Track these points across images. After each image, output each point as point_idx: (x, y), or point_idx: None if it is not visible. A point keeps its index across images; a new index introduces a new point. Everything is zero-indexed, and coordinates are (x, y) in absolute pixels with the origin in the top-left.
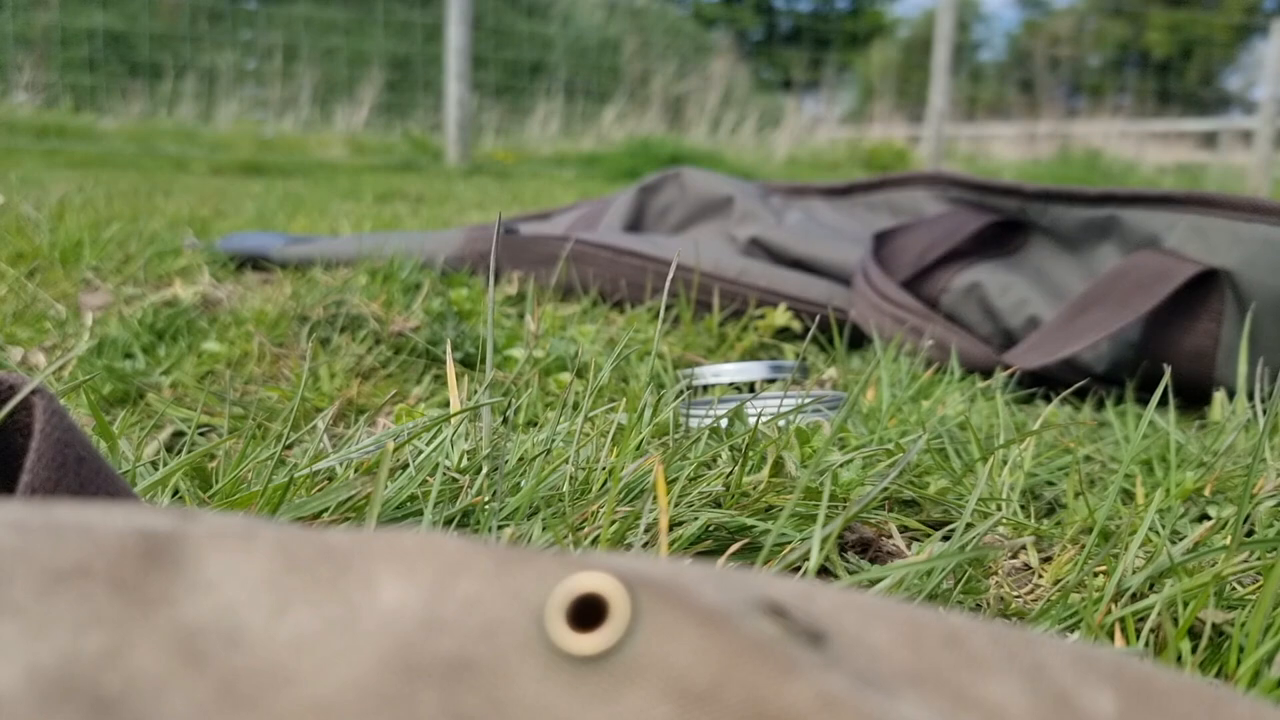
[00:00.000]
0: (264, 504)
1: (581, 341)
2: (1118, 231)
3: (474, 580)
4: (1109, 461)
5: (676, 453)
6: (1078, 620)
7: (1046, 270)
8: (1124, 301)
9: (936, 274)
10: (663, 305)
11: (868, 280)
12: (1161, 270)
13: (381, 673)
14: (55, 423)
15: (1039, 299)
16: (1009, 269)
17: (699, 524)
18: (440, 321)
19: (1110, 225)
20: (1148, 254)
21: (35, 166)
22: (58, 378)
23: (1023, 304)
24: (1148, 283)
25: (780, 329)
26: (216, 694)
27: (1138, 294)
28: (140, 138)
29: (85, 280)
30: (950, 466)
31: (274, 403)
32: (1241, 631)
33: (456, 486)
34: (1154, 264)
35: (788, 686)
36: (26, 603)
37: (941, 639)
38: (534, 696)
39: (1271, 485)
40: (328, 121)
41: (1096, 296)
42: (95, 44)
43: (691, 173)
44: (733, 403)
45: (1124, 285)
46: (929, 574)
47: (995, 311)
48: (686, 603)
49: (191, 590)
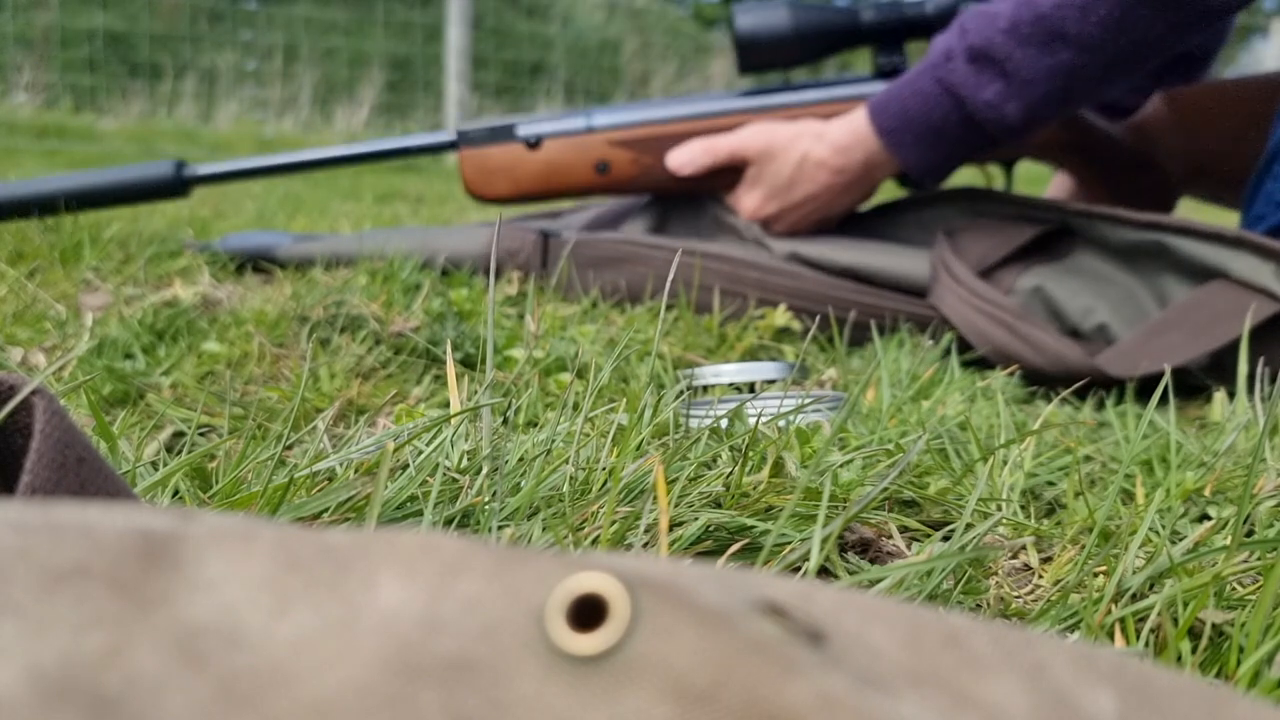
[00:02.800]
0: (264, 504)
1: (581, 342)
2: (1169, 256)
3: (474, 580)
4: (1109, 461)
5: (676, 453)
6: (1078, 620)
7: (1106, 280)
8: (1206, 329)
9: (997, 275)
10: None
11: (952, 275)
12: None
13: (381, 673)
14: (55, 423)
15: (1104, 307)
16: (1070, 275)
17: (699, 524)
18: (440, 322)
19: (1160, 250)
20: (1223, 285)
21: (35, 167)
22: (58, 378)
23: (1090, 311)
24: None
25: (780, 328)
26: (216, 694)
27: (1220, 323)
28: (140, 138)
29: (85, 280)
30: (950, 467)
31: (274, 403)
32: (1241, 631)
33: (456, 487)
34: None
35: (787, 686)
36: (26, 603)
37: (941, 639)
38: (534, 696)
39: (1271, 485)
40: (328, 122)
41: (1175, 320)
42: (95, 44)
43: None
44: (733, 403)
45: (1203, 313)
46: (929, 574)
47: (1063, 314)
48: (686, 603)
49: (191, 590)
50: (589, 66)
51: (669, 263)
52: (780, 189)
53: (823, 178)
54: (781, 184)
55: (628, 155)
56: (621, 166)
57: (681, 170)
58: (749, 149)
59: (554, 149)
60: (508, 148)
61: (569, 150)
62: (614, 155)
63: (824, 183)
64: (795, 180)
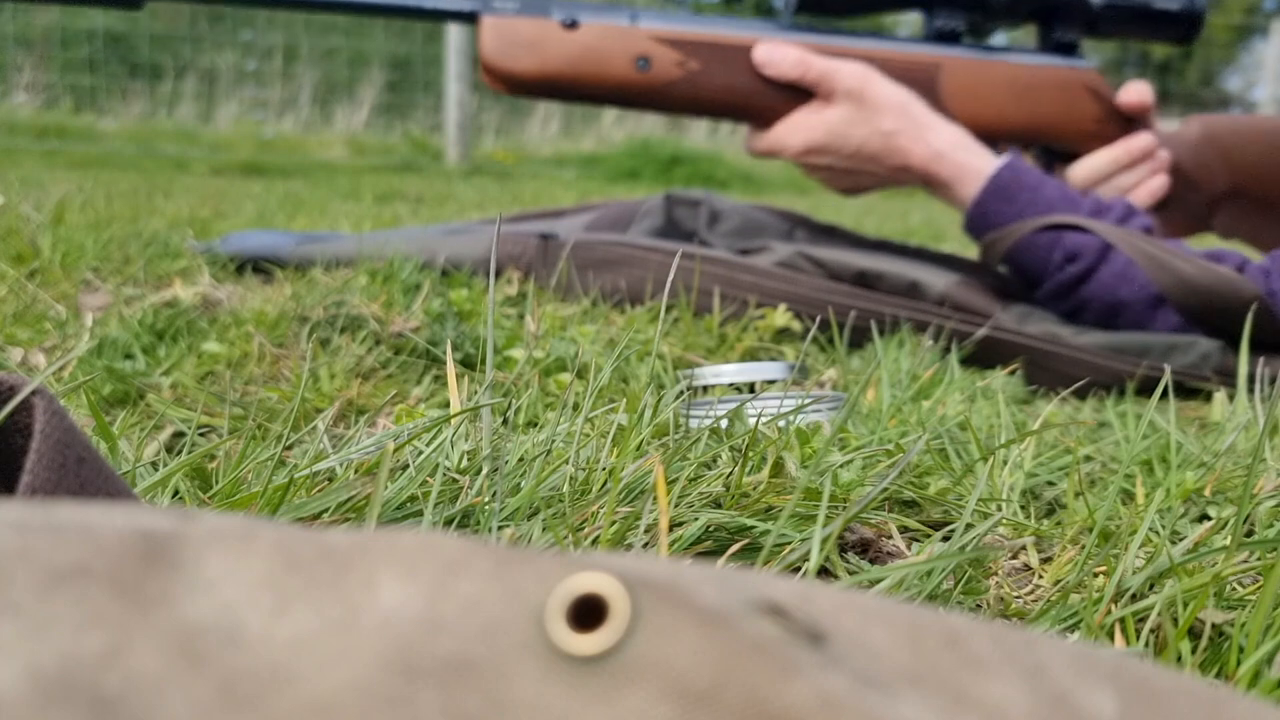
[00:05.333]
0: (264, 504)
1: (581, 342)
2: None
3: (474, 580)
4: (1109, 461)
5: (676, 453)
6: (1078, 620)
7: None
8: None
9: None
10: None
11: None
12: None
13: (381, 673)
14: (55, 423)
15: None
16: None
17: (699, 524)
18: (440, 322)
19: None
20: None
21: (35, 167)
22: (58, 378)
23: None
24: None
25: (780, 329)
26: (216, 694)
27: None
28: (140, 138)
29: (85, 281)
30: (950, 467)
31: (274, 403)
32: (1241, 631)
33: (457, 487)
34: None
35: (788, 686)
36: (26, 603)
37: (941, 639)
38: (534, 697)
39: (1271, 485)
40: (328, 122)
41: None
42: (95, 45)
43: (719, 198)
44: (733, 403)
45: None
46: (929, 574)
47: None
48: (687, 603)
49: (191, 590)
50: None
51: (667, 265)
52: (845, 147)
53: (890, 166)
54: (850, 144)
55: (674, 56)
56: (665, 67)
57: (765, 67)
58: (841, 84)
59: (593, 33)
60: (540, 22)
61: (609, 37)
62: (658, 52)
63: (886, 171)
64: (868, 148)
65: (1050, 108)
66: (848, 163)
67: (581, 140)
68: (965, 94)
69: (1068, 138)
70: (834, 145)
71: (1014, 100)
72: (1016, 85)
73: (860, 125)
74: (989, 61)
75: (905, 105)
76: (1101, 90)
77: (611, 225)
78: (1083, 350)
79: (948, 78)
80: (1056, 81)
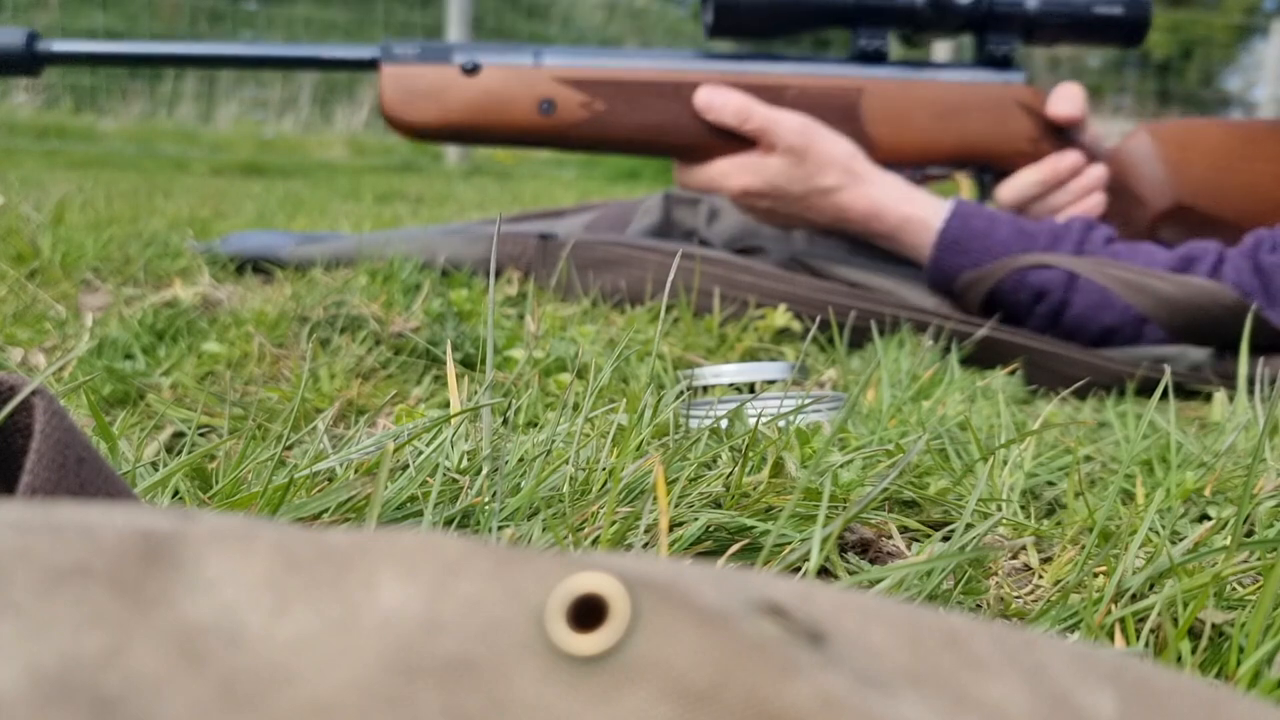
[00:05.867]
0: (264, 505)
1: (581, 342)
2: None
3: (474, 580)
4: (1109, 461)
5: (676, 453)
6: (1078, 620)
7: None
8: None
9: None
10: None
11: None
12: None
13: (381, 673)
14: (55, 423)
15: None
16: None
17: (699, 524)
18: (440, 322)
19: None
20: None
21: (35, 167)
22: (58, 378)
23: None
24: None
25: (780, 329)
26: (216, 694)
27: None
28: (140, 138)
29: (85, 281)
30: (950, 467)
31: (274, 403)
32: (1241, 631)
33: (457, 487)
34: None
35: (788, 686)
36: (26, 603)
37: (941, 639)
38: (534, 697)
39: (1271, 485)
40: (328, 122)
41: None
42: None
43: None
44: (733, 403)
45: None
46: (929, 574)
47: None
48: (687, 603)
49: (191, 590)
50: None
51: (667, 265)
52: (785, 197)
53: (829, 218)
54: (790, 194)
55: (578, 97)
56: (569, 109)
57: (706, 112)
58: (782, 138)
59: (495, 77)
60: (440, 69)
61: (511, 80)
62: (562, 94)
63: (827, 221)
64: (807, 200)
65: (980, 127)
66: (789, 208)
67: None
68: (889, 118)
69: (1000, 157)
70: (773, 193)
71: (941, 122)
72: (944, 106)
73: (800, 181)
74: (914, 82)
75: (847, 161)
76: (1035, 105)
77: (611, 225)
78: (1082, 350)
79: (870, 101)
80: (987, 99)
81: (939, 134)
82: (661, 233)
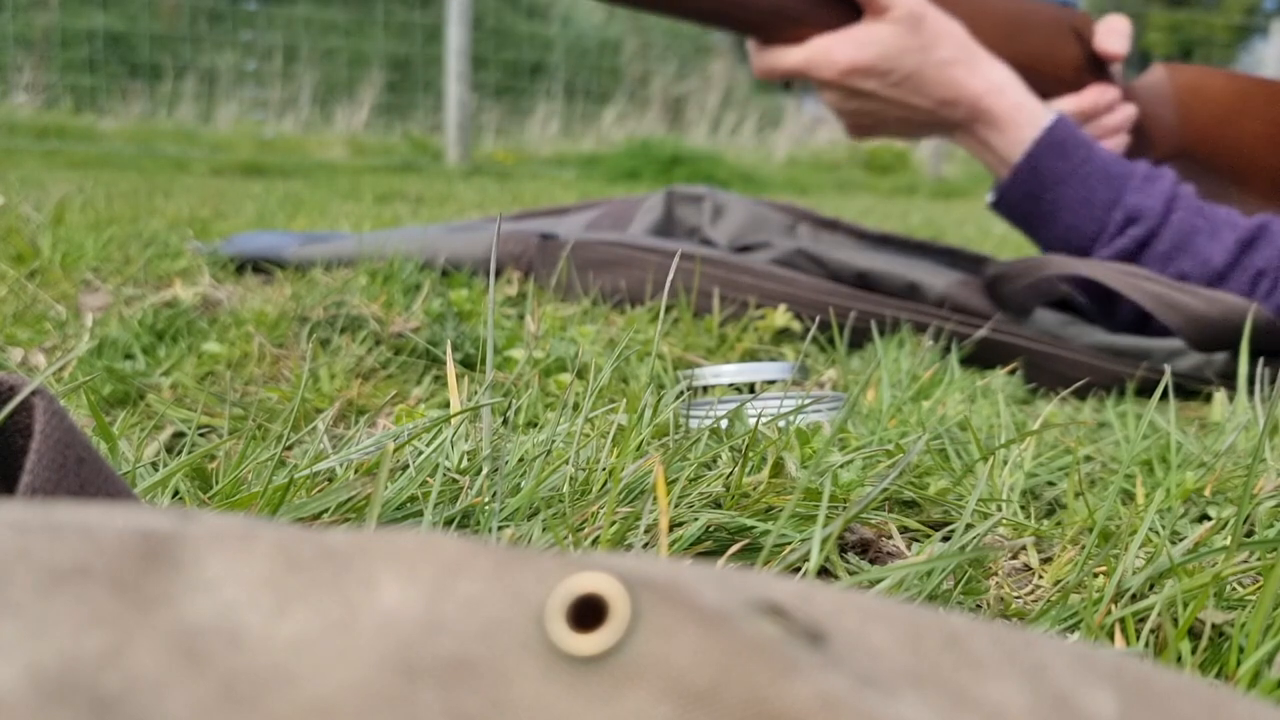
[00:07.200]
0: (264, 505)
1: (581, 342)
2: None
3: (474, 581)
4: (1109, 461)
5: (676, 453)
6: (1078, 620)
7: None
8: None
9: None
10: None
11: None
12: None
13: (381, 673)
14: (55, 424)
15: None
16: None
17: (699, 525)
18: (440, 322)
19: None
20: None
21: (35, 167)
22: (58, 378)
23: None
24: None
25: (780, 329)
26: (216, 694)
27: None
28: (140, 139)
29: (85, 281)
30: (950, 467)
31: (274, 403)
32: (1241, 632)
33: (457, 487)
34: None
35: (788, 686)
36: (26, 603)
37: (941, 639)
38: (534, 697)
39: (1271, 485)
40: (328, 122)
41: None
42: (95, 45)
43: (722, 193)
44: (733, 403)
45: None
46: (929, 575)
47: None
48: (687, 603)
49: (191, 590)
50: (589, 67)
51: (667, 266)
52: (896, 72)
53: (938, 98)
54: (902, 69)
55: None
56: None
57: None
58: (898, 2)
59: None
60: None
61: None
62: None
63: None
64: (921, 75)
65: (1034, 49)
66: (892, 91)
67: (581, 140)
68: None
69: (1044, 82)
70: (883, 68)
71: (1006, 37)
72: (1008, 21)
73: (915, 51)
74: None
75: (964, 36)
76: (1085, 35)
77: (614, 223)
78: (1082, 351)
79: (940, 6)
80: (1047, 21)
81: (1000, 49)
82: (664, 231)
